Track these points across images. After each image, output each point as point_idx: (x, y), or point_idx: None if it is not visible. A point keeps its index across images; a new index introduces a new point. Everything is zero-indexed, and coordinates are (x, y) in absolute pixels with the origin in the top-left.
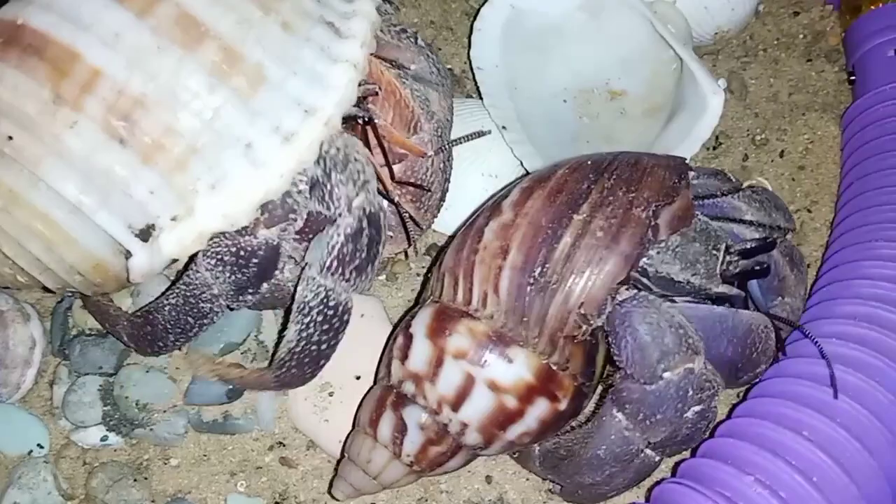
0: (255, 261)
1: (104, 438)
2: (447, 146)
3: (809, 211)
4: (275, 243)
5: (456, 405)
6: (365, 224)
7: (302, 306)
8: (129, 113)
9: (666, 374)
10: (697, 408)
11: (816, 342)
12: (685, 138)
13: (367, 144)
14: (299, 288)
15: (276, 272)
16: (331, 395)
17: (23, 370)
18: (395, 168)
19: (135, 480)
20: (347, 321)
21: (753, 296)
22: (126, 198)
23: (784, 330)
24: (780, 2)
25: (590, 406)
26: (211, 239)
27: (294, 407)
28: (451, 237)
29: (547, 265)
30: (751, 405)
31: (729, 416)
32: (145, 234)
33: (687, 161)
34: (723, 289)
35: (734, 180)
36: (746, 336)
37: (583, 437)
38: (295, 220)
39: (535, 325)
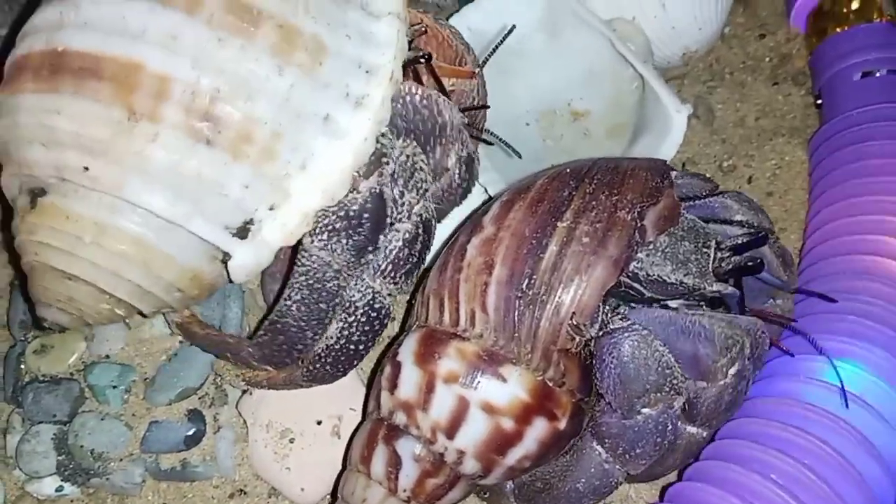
0: (366, 216)
1: (59, 489)
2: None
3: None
4: (377, 190)
5: (451, 432)
6: (421, 230)
7: (348, 305)
8: (209, 111)
9: (644, 410)
10: (679, 441)
11: (814, 341)
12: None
13: (420, 82)
14: (347, 289)
15: (388, 219)
16: (291, 441)
17: None
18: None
19: None
20: (386, 325)
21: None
22: (220, 198)
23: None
24: (746, 24)
25: None
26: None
27: (255, 454)
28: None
29: (534, 277)
30: (717, 447)
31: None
32: (243, 232)
33: (667, 162)
34: (717, 287)
35: (714, 182)
36: (711, 339)
37: (561, 470)
38: (388, 162)
39: (527, 340)
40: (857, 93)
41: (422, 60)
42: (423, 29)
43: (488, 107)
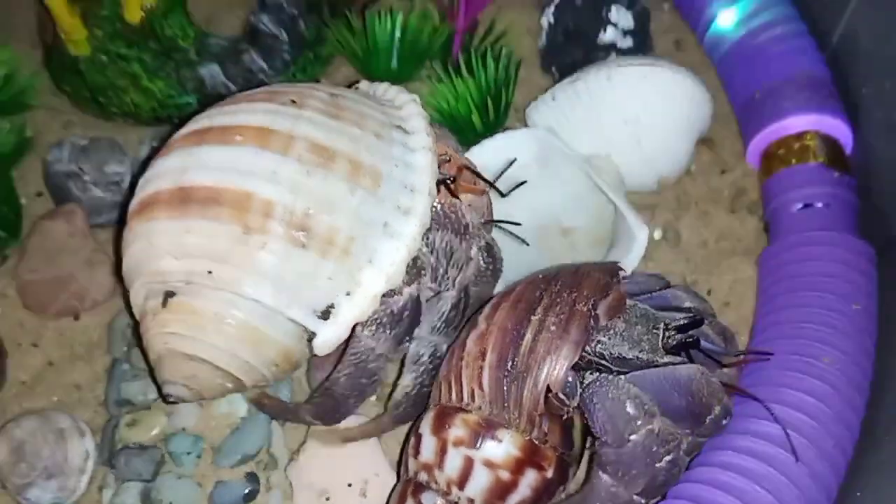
0: (406, 314)
1: None
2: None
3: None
4: (416, 295)
5: (461, 484)
6: (462, 295)
7: (416, 358)
8: (303, 224)
9: (633, 437)
10: (668, 457)
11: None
12: None
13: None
14: (412, 345)
15: (421, 316)
16: (327, 499)
17: (78, 477)
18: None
19: None
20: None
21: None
22: (311, 289)
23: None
24: (710, 163)
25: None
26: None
27: None
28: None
29: (516, 359)
30: None
31: None
32: (326, 314)
33: (618, 264)
34: (668, 359)
35: (665, 280)
36: (690, 384)
37: (580, 501)
38: (425, 274)
39: (514, 408)
40: (795, 221)
41: (448, 181)
42: (448, 158)
43: (519, 224)
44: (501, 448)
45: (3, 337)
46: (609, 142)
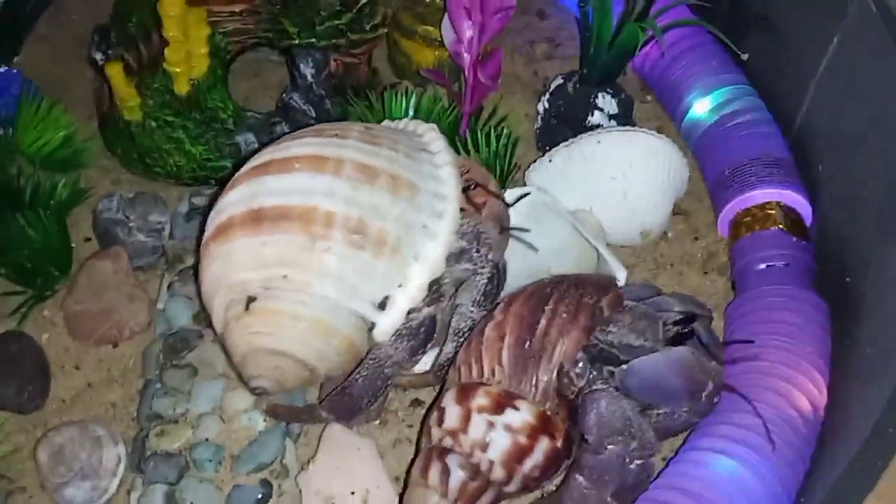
0: (423, 329)
1: None
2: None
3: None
4: (434, 315)
5: (484, 446)
6: (496, 271)
7: (457, 331)
8: (359, 229)
9: (610, 447)
10: (639, 461)
11: (750, 401)
12: None
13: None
14: (454, 319)
15: (438, 335)
16: None
17: (110, 479)
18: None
19: None
20: None
21: None
22: (370, 284)
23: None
24: (685, 230)
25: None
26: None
27: None
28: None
29: (533, 340)
30: None
31: None
32: (383, 305)
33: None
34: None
35: (658, 288)
36: (684, 362)
37: (556, 499)
38: (442, 300)
39: (531, 382)
40: (759, 278)
41: (471, 187)
42: (468, 169)
43: (528, 230)
44: (520, 416)
45: (49, 360)
46: (598, 196)
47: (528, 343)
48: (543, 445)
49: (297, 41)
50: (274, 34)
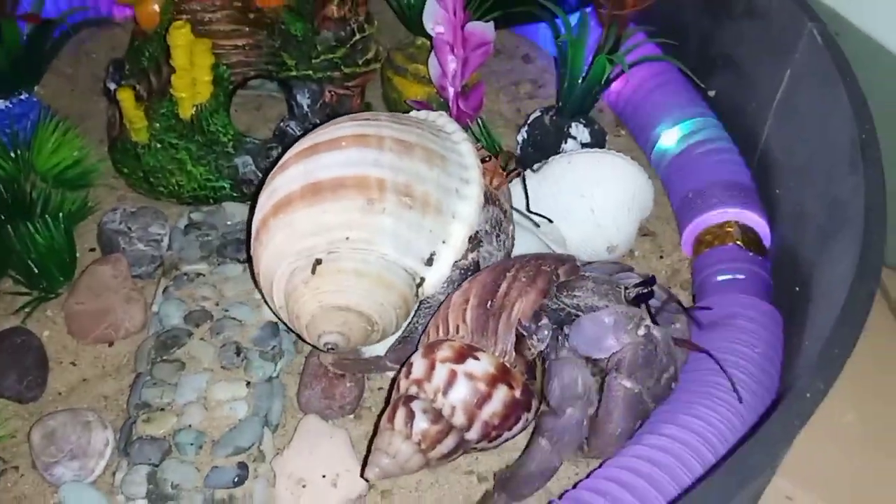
0: (469, 272)
1: None
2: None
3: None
4: (476, 260)
5: (446, 392)
6: (512, 221)
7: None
8: (406, 191)
9: (569, 410)
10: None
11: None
12: None
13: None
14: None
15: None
16: (304, 486)
17: (97, 460)
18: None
19: None
20: None
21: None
22: (419, 240)
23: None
24: (650, 249)
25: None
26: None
27: (278, 494)
28: None
29: (494, 300)
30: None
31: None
32: (430, 261)
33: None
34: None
35: (622, 265)
36: (620, 315)
37: (521, 461)
38: (482, 245)
39: (492, 336)
40: (717, 288)
41: (486, 159)
42: (481, 145)
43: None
44: (480, 365)
45: (48, 355)
46: (568, 213)
47: (489, 303)
48: (502, 394)
49: (294, 73)
50: (273, 66)
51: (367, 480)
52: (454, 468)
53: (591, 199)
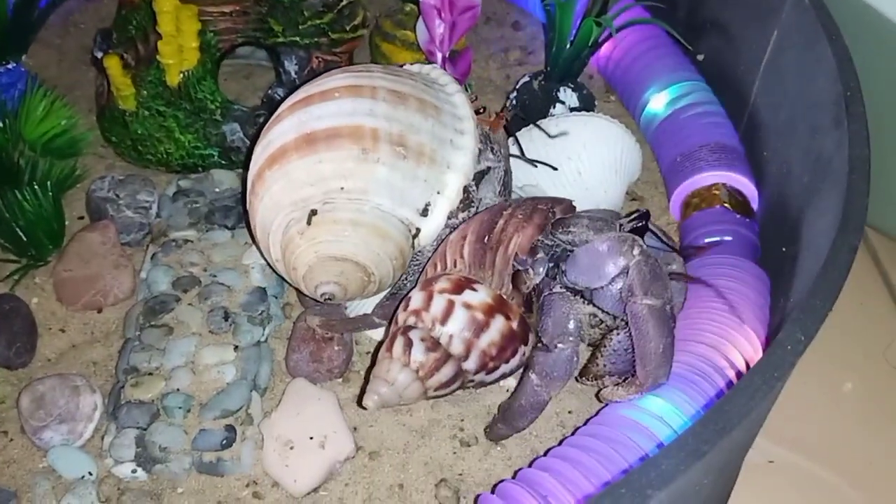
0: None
1: (133, 471)
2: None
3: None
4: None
5: (444, 320)
6: (508, 165)
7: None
8: (400, 142)
9: (560, 346)
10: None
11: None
12: None
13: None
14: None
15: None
16: (291, 448)
17: (86, 424)
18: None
19: (151, 500)
20: None
21: None
22: (413, 191)
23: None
24: None
25: None
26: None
27: (266, 457)
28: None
29: (491, 235)
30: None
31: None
32: (425, 211)
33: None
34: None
35: (617, 212)
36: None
37: (514, 395)
38: (477, 196)
39: (489, 269)
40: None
41: (481, 111)
42: (475, 97)
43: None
44: (478, 295)
45: (37, 322)
46: (557, 175)
47: (486, 238)
48: (499, 324)
49: (282, 39)
50: (261, 33)
51: (364, 408)
52: (440, 430)
53: (577, 162)
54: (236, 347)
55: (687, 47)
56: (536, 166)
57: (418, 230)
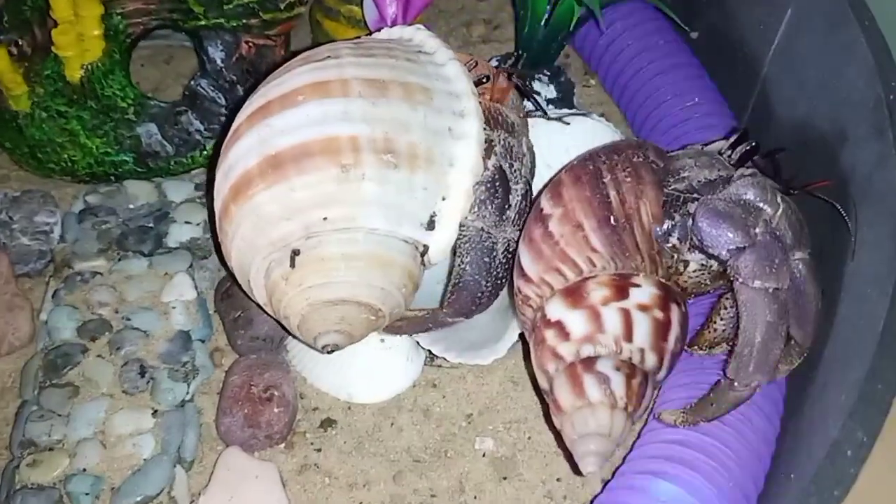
0: (497, 183)
1: None
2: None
3: None
4: (498, 165)
5: (628, 336)
6: (527, 186)
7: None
8: (387, 147)
9: (757, 230)
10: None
11: None
12: None
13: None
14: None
15: (510, 183)
16: None
17: None
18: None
19: None
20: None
21: None
22: (413, 203)
23: None
24: None
25: None
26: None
27: None
28: None
29: (614, 214)
30: None
31: None
32: (431, 224)
33: None
34: (741, 171)
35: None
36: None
37: (742, 328)
38: (496, 144)
39: (636, 253)
40: None
41: (483, 80)
42: (475, 63)
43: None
44: (644, 291)
45: None
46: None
47: (611, 218)
48: (676, 314)
49: (204, 22)
50: (179, 15)
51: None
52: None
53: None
54: (155, 412)
55: (679, 24)
56: (569, 123)
57: (426, 247)
